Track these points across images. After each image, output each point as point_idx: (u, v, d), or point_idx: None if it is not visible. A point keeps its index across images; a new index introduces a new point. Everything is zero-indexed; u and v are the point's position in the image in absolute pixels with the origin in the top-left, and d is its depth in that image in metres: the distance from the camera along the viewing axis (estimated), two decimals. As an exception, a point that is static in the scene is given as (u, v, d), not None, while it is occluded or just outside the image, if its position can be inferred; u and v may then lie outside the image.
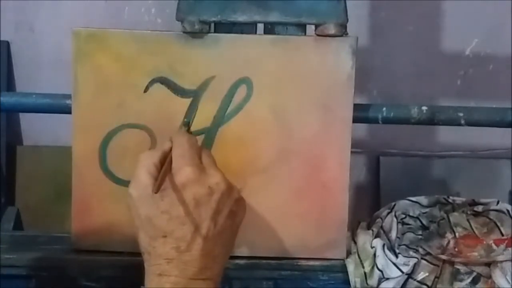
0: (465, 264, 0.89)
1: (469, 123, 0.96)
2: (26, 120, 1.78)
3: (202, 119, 0.90)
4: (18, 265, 0.91)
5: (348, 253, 0.93)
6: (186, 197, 0.73)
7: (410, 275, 0.89)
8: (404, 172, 1.79)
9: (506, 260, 0.89)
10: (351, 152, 0.91)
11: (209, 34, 0.89)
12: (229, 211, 0.76)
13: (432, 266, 0.89)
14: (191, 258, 0.73)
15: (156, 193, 0.72)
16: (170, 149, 0.77)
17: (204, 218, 0.73)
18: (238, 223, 0.78)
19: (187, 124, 0.84)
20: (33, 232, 1.02)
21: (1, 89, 1.62)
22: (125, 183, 0.89)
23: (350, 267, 0.91)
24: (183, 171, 0.74)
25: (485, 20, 1.71)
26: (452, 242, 0.93)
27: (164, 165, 0.75)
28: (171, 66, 0.89)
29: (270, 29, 0.91)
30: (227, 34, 0.89)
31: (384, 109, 0.95)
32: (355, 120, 0.91)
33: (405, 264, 0.89)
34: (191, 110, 0.89)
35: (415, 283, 0.89)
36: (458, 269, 0.89)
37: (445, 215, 0.98)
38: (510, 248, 0.91)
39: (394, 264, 0.89)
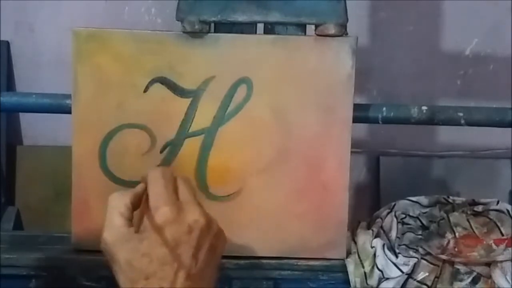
0: (465, 264, 0.89)
1: (469, 123, 0.96)
2: (26, 120, 1.78)
3: (202, 119, 0.90)
4: (18, 265, 0.91)
5: (348, 253, 0.93)
6: (166, 238, 0.72)
7: (410, 275, 0.89)
8: (404, 172, 1.79)
9: (506, 260, 0.89)
10: (351, 152, 0.91)
11: (209, 34, 0.89)
12: (209, 245, 0.75)
13: (432, 266, 0.89)
14: None
15: (136, 232, 0.72)
16: (143, 190, 0.77)
17: (186, 257, 0.73)
18: (218, 256, 0.77)
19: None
20: (33, 232, 1.02)
21: (1, 89, 1.62)
22: (125, 183, 0.89)
23: (350, 267, 0.91)
24: (161, 211, 0.73)
25: (485, 20, 1.72)
26: (452, 242, 0.93)
27: (141, 204, 0.75)
28: (171, 66, 0.89)
29: (270, 29, 0.91)
30: (227, 34, 0.89)
31: (384, 109, 0.95)
32: (355, 120, 0.91)
33: (405, 264, 0.89)
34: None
35: (415, 283, 0.89)
36: (458, 269, 0.89)
37: (445, 215, 0.98)
38: (510, 248, 0.91)
39: (394, 264, 0.89)
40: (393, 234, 0.94)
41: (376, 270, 0.89)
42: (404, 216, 0.97)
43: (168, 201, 0.74)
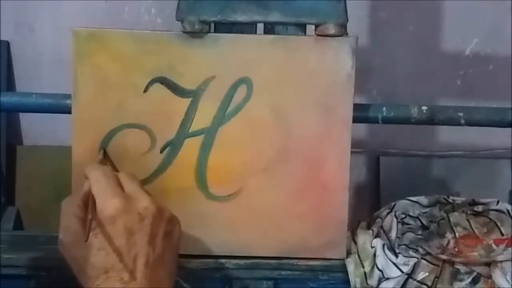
0: (465, 264, 0.89)
1: (469, 123, 0.96)
2: (26, 120, 1.78)
3: (202, 119, 0.90)
4: (18, 265, 0.91)
5: (348, 253, 0.93)
6: (118, 229, 0.73)
7: (410, 275, 0.89)
8: (404, 172, 1.79)
9: (506, 260, 0.89)
10: (351, 152, 0.91)
11: (209, 34, 0.89)
12: (164, 232, 0.75)
13: (432, 266, 0.89)
14: (138, 287, 0.72)
15: (86, 241, 0.72)
16: (90, 187, 0.77)
17: (141, 245, 0.73)
18: (176, 242, 0.78)
19: (103, 153, 0.85)
20: (33, 232, 1.02)
21: (1, 89, 1.62)
22: (125, 183, 0.89)
23: (350, 267, 0.91)
24: (108, 204, 0.74)
25: (485, 20, 1.72)
26: (452, 242, 0.93)
27: (89, 206, 0.75)
28: (171, 66, 0.89)
29: (270, 29, 0.91)
30: (227, 34, 0.89)
31: (384, 109, 0.95)
32: (355, 120, 0.91)
33: (405, 264, 0.89)
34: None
35: (415, 283, 0.89)
36: (458, 269, 0.89)
37: (445, 215, 0.98)
38: (510, 248, 0.91)
39: (394, 264, 0.89)
40: (393, 234, 0.94)
41: (376, 270, 0.89)
42: (404, 216, 0.97)
43: (114, 194, 0.75)
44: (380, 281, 0.89)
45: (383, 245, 0.91)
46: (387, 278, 0.89)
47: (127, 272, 0.72)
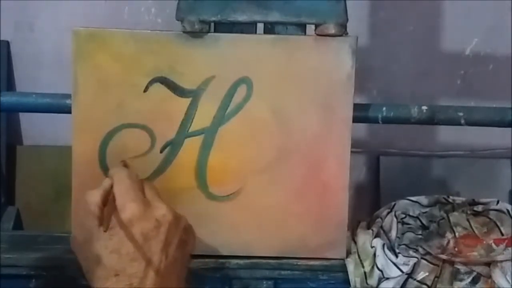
0: (465, 263, 0.89)
1: (469, 123, 0.96)
2: (26, 120, 1.78)
3: (202, 119, 0.90)
4: (18, 265, 0.91)
5: (348, 253, 0.93)
6: (134, 233, 0.73)
7: (410, 275, 0.89)
8: (404, 172, 1.79)
9: (506, 260, 0.89)
10: (351, 152, 0.91)
11: (209, 34, 0.89)
12: (178, 240, 0.75)
13: (432, 265, 0.89)
14: None
15: (105, 231, 0.72)
16: (111, 186, 0.77)
17: (155, 252, 0.73)
18: (189, 251, 0.78)
19: (124, 163, 0.85)
20: (33, 232, 1.02)
21: (1, 89, 1.62)
22: (125, 183, 0.89)
23: (350, 266, 0.91)
24: (128, 207, 0.74)
25: (485, 20, 1.72)
26: (452, 242, 0.93)
27: (108, 204, 0.75)
28: (171, 66, 0.89)
29: (270, 29, 0.91)
30: (227, 34, 0.89)
31: (384, 109, 0.95)
32: (355, 120, 0.91)
33: (405, 264, 0.89)
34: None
35: (415, 282, 0.89)
36: (458, 268, 0.89)
37: (445, 215, 0.98)
38: (510, 248, 0.91)
39: (394, 263, 0.89)
40: (393, 234, 0.94)
41: (376, 270, 0.89)
42: (404, 216, 0.97)
43: (135, 198, 0.75)
44: (380, 281, 0.89)
45: (383, 245, 0.91)
46: (387, 278, 0.89)
47: (137, 278, 0.72)
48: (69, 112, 0.91)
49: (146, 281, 0.72)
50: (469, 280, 0.89)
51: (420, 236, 0.94)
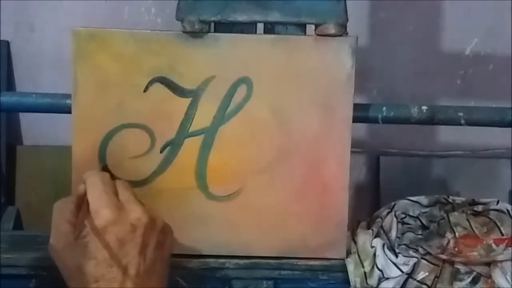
0: (465, 263, 0.89)
1: (469, 123, 0.96)
2: (26, 120, 1.78)
3: (202, 119, 0.90)
4: (18, 265, 0.91)
5: (348, 253, 0.93)
6: (109, 239, 0.73)
7: (410, 275, 0.89)
8: (404, 172, 1.79)
9: (506, 260, 0.89)
10: (351, 152, 0.91)
11: (209, 34, 0.89)
12: (156, 242, 0.76)
13: (432, 265, 0.89)
14: None
15: (76, 239, 0.72)
16: (85, 192, 0.77)
17: (132, 256, 0.73)
18: (167, 252, 0.78)
19: (104, 167, 0.85)
20: (33, 232, 1.02)
21: (1, 89, 1.62)
22: (125, 183, 0.89)
23: (350, 266, 0.91)
24: (101, 213, 0.74)
25: (485, 20, 1.72)
26: (452, 242, 0.93)
27: (81, 210, 0.75)
28: (171, 66, 0.89)
29: (270, 29, 0.91)
30: (227, 34, 0.89)
31: (384, 108, 0.95)
32: (355, 120, 0.91)
33: (405, 264, 0.89)
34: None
35: (415, 282, 0.89)
36: (458, 268, 0.89)
37: (445, 215, 0.98)
38: (510, 248, 0.91)
39: (394, 263, 0.89)
40: (393, 234, 0.94)
41: (376, 270, 0.89)
42: (404, 216, 0.97)
43: (108, 203, 0.75)
44: (380, 281, 0.89)
45: (383, 245, 0.91)
46: (387, 278, 0.89)
47: (117, 282, 0.72)
48: (69, 112, 0.91)
49: (126, 285, 0.72)
50: (469, 280, 0.89)
51: (420, 236, 0.94)
